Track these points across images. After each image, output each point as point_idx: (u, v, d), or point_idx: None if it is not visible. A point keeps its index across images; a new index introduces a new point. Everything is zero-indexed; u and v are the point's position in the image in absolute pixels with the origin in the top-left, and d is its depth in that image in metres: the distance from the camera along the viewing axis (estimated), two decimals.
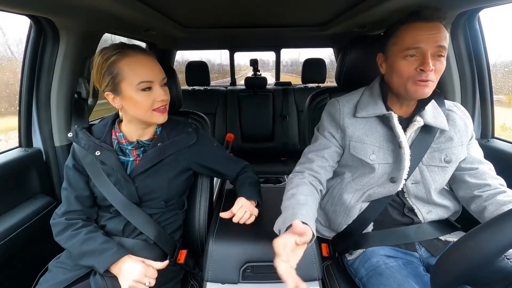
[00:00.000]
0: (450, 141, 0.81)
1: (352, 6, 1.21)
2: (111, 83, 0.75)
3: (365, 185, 0.84)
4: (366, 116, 0.83)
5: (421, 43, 0.71)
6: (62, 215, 0.83)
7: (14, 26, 1.06)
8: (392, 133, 0.81)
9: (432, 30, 0.71)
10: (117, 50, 0.74)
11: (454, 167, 0.82)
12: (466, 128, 0.83)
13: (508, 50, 1.56)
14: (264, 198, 0.92)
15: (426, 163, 0.81)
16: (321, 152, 0.88)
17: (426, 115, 0.79)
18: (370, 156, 0.82)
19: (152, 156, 0.84)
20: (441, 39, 0.71)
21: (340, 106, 0.87)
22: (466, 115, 0.85)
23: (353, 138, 0.84)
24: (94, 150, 0.82)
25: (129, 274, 0.74)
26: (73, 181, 0.84)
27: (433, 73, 0.72)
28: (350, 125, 0.85)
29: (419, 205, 0.84)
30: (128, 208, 0.82)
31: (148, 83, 0.76)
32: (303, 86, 2.44)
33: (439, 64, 0.72)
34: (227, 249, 0.76)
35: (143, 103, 0.76)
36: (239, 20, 1.54)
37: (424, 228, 0.84)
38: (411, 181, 0.82)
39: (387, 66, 0.80)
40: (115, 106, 0.80)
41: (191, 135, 0.90)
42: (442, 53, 0.72)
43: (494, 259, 0.45)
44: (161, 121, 0.81)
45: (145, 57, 0.77)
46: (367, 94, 0.87)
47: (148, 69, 0.76)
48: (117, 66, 0.74)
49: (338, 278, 0.90)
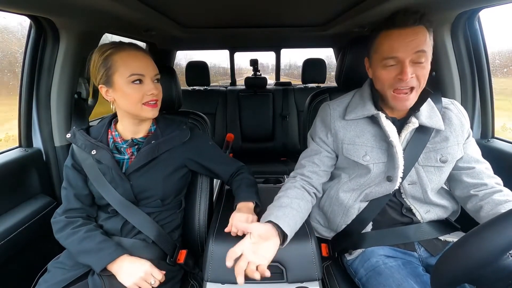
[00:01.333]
0: (446, 141, 0.81)
1: (352, 6, 1.20)
2: (105, 75, 0.78)
3: (362, 185, 0.84)
4: (355, 118, 0.84)
5: (398, 52, 0.71)
6: (62, 213, 0.84)
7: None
8: (383, 133, 0.81)
9: (408, 37, 0.70)
10: (113, 45, 0.79)
11: (451, 166, 0.82)
12: (462, 127, 0.82)
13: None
14: (264, 198, 0.92)
15: (422, 164, 0.81)
16: (312, 157, 0.89)
17: (421, 115, 0.79)
18: (363, 157, 0.82)
19: (146, 153, 0.84)
20: (419, 44, 0.70)
21: (331, 110, 0.88)
22: (463, 113, 0.84)
23: (345, 140, 0.85)
24: (91, 149, 0.83)
25: (134, 272, 0.75)
26: (72, 180, 0.85)
27: (414, 80, 0.72)
28: (341, 128, 0.85)
29: (416, 205, 0.84)
30: (125, 207, 0.83)
31: (138, 76, 0.78)
32: (303, 86, 2.44)
33: (420, 69, 0.71)
34: (227, 249, 0.76)
35: (132, 96, 0.78)
36: (239, 20, 1.54)
37: (424, 228, 0.84)
38: (407, 182, 0.82)
39: (372, 72, 0.81)
40: (107, 99, 0.82)
41: (185, 132, 0.91)
42: (422, 59, 0.71)
43: (498, 257, 0.45)
44: (150, 116, 0.82)
45: (138, 52, 0.80)
46: (357, 97, 0.87)
47: (140, 63, 0.79)
48: (111, 58, 0.77)
49: (338, 278, 0.90)
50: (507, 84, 1.54)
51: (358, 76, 1.04)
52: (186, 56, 3.21)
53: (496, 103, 1.14)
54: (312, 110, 1.15)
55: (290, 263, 0.74)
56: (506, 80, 1.51)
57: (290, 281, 0.73)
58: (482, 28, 1.11)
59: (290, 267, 0.73)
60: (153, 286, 0.76)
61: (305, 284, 0.73)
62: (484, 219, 0.75)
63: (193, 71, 2.34)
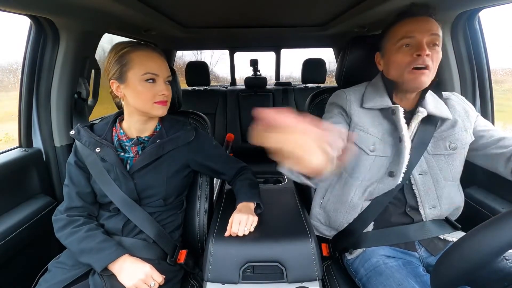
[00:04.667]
0: (452, 128, 0.81)
1: (352, 6, 1.21)
2: (119, 71, 0.79)
3: (364, 180, 0.84)
4: (373, 108, 0.84)
5: (415, 32, 0.74)
6: (63, 211, 0.84)
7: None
8: (394, 127, 0.81)
9: (423, 21, 0.74)
10: (130, 43, 0.81)
11: (462, 153, 0.82)
12: (467, 113, 0.83)
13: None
14: (264, 198, 0.92)
15: (432, 153, 0.82)
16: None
17: (428, 105, 0.80)
18: (370, 147, 0.82)
19: (151, 152, 0.84)
20: (434, 28, 0.73)
21: (347, 95, 0.88)
22: (465, 101, 0.86)
23: (358, 126, 0.84)
24: (95, 146, 0.83)
25: (135, 273, 0.75)
26: (74, 177, 0.85)
27: (430, 59, 0.73)
28: (356, 113, 0.85)
29: (425, 199, 0.83)
30: (128, 205, 0.83)
31: (153, 75, 0.80)
32: (303, 86, 2.44)
33: (435, 52, 0.74)
34: (227, 249, 0.76)
35: (145, 94, 0.79)
36: (239, 20, 1.54)
37: (424, 227, 0.84)
38: (418, 172, 0.82)
39: (384, 63, 0.83)
40: (117, 94, 0.83)
41: (190, 132, 0.91)
42: (437, 42, 0.74)
43: (492, 260, 0.45)
44: (160, 114, 0.83)
45: (155, 53, 0.82)
46: (370, 89, 0.87)
47: (156, 63, 0.81)
48: (128, 56, 0.79)
49: (338, 278, 0.90)
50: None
51: (358, 76, 1.04)
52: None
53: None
54: (312, 110, 1.15)
55: (290, 263, 0.74)
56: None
57: (290, 281, 0.73)
58: (482, 28, 1.11)
59: (290, 267, 0.74)
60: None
61: (305, 284, 0.73)
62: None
63: (193, 71, 2.34)
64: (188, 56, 4.12)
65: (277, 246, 0.76)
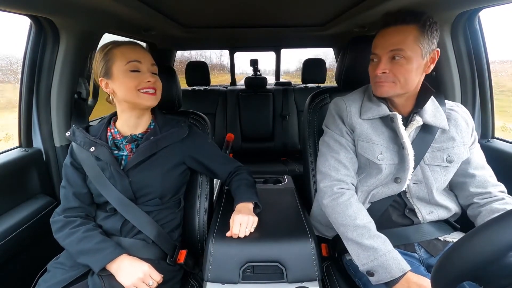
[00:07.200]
0: (452, 141, 0.81)
1: (352, 6, 1.21)
2: (104, 67, 0.82)
3: (370, 186, 0.84)
4: (371, 118, 0.84)
5: (376, 49, 0.78)
6: (61, 212, 0.84)
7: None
8: (395, 134, 0.81)
9: (386, 35, 0.76)
10: (114, 42, 0.84)
11: (456, 167, 0.82)
12: (468, 129, 0.83)
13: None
14: (263, 198, 0.92)
15: (428, 163, 0.81)
16: (337, 155, 0.86)
17: (426, 114, 0.80)
18: (378, 156, 0.82)
19: (145, 149, 0.85)
20: (394, 43, 0.74)
21: (347, 107, 0.88)
22: (469, 116, 0.85)
23: (361, 137, 0.84)
24: (89, 146, 0.84)
25: (133, 272, 0.75)
26: (71, 178, 0.86)
27: (390, 76, 0.76)
28: (358, 125, 0.85)
29: (420, 206, 0.84)
30: (124, 205, 0.83)
31: (135, 63, 0.81)
32: (303, 86, 2.44)
33: (397, 66, 0.75)
34: (227, 249, 0.76)
35: (130, 83, 0.81)
36: (239, 20, 1.54)
37: (423, 228, 0.84)
38: (413, 181, 0.82)
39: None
40: (107, 91, 0.85)
41: (184, 128, 0.92)
42: (398, 55, 0.74)
43: (504, 255, 0.45)
44: (149, 104, 0.84)
45: (136, 46, 0.85)
46: (367, 98, 0.88)
47: (138, 53, 0.83)
48: (111, 52, 0.81)
49: (338, 278, 0.90)
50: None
51: (358, 76, 1.04)
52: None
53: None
54: (312, 110, 1.15)
55: (290, 263, 0.74)
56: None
57: (290, 281, 0.73)
58: (482, 28, 1.11)
59: (290, 267, 0.73)
60: (151, 287, 0.76)
61: (305, 284, 0.73)
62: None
63: (193, 71, 2.34)
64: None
65: (277, 246, 0.76)
